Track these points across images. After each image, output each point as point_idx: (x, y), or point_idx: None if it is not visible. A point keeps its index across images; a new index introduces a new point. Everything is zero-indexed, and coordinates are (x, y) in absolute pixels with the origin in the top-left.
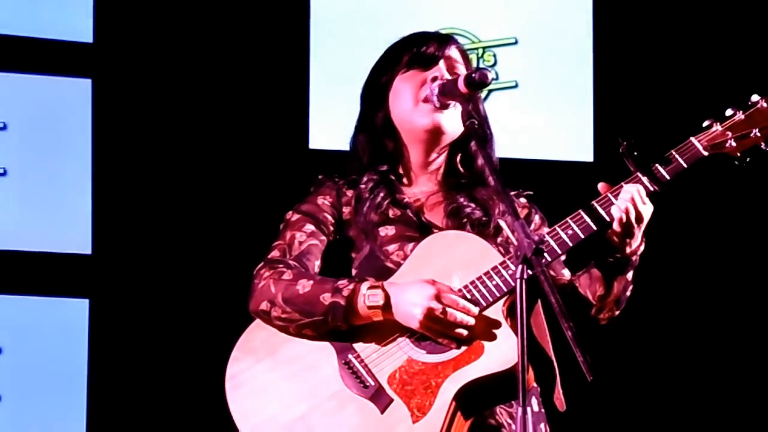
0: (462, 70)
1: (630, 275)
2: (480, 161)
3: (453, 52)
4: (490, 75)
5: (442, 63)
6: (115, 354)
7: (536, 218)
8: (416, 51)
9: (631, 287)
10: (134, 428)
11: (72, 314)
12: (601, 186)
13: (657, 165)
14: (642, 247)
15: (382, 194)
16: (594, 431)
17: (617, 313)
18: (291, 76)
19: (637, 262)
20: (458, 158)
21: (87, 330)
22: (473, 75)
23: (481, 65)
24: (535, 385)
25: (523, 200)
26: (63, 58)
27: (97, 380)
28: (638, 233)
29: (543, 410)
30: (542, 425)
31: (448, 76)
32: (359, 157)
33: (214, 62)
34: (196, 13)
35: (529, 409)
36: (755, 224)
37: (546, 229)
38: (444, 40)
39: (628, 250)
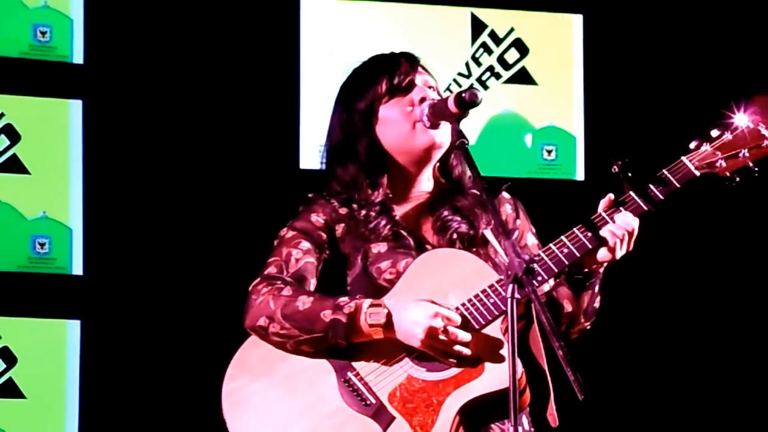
0: (432, 81)
1: (597, 288)
2: (457, 171)
3: (420, 68)
4: (480, 95)
5: (418, 80)
6: (107, 375)
7: (521, 215)
8: (392, 77)
9: (599, 299)
10: None
11: (64, 335)
12: (603, 202)
13: (650, 185)
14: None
15: (378, 220)
16: None
17: (588, 326)
18: (281, 96)
19: (602, 274)
20: (437, 167)
21: (79, 351)
22: (463, 95)
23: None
24: None
25: (506, 195)
26: (54, 79)
27: (89, 401)
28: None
29: (533, 429)
30: None
31: (431, 94)
32: (347, 186)
33: (204, 82)
34: (186, 34)
35: (520, 429)
36: (745, 239)
37: (531, 233)
38: (410, 58)
39: (599, 267)
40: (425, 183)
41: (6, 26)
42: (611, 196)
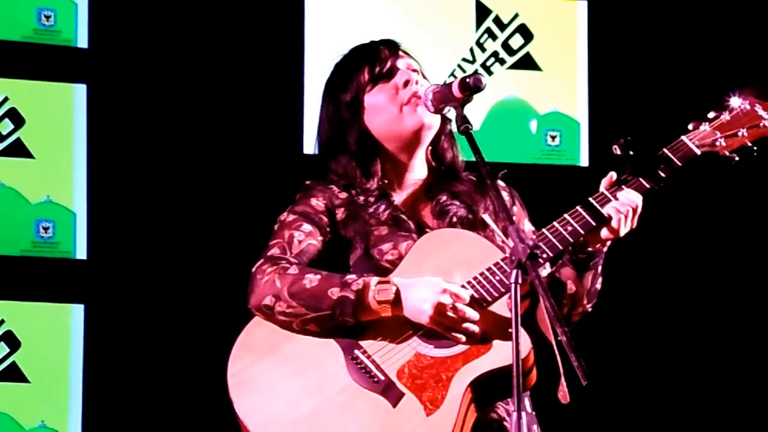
0: (415, 64)
1: (600, 268)
2: (449, 155)
3: (402, 53)
4: (484, 80)
5: (401, 64)
6: (111, 359)
7: (517, 203)
8: (374, 64)
9: (600, 280)
10: None
11: (68, 319)
12: (605, 181)
13: (652, 163)
14: (609, 241)
15: (377, 205)
16: None
17: (590, 308)
18: (285, 81)
19: (604, 254)
20: (429, 152)
21: (83, 335)
22: (467, 80)
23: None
24: None
25: (502, 183)
26: (59, 63)
27: (92, 385)
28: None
29: (534, 412)
30: (535, 426)
31: (416, 77)
32: (343, 178)
33: (208, 68)
34: (191, 18)
35: (524, 413)
36: (746, 222)
37: (527, 220)
38: (391, 44)
39: (602, 247)
40: (419, 170)
41: (10, 10)
42: (613, 174)
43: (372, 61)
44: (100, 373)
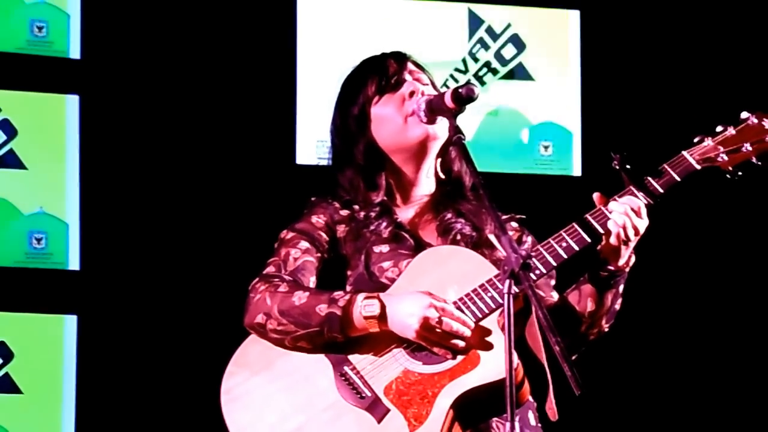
0: (425, 78)
1: (621, 288)
2: (457, 167)
3: (410, 65)
4: (477, 90)
5: (407, 77)
6: (104, 370)
7: (528, 240)
8: (381, 77)
9: (620, 300)
10: None
11: (61, 330)
12: (596, 196)
13: (649, 178)
14: (633, 260)
15: (378, 222)
16: None
17: (606, 328)
18: (278, 91)
19: (626, 274)
20: (438, 164)
21: (76, 346)
22: (460, 90)
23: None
24: (531, 399)
25: (514, 224)
26: (51, 74)
27: (86, 396)
28: (632, 246)
29: (540, 425)
30: None
31: (421, 88)
32: (348, 191)
33: (200, 78)
34: (183, 29)
35: (517, 425)
36: (747, 237)
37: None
38: (399, 56)
39: (621, 262)
40: (426, 184)
41: (3, 21)
42: (598, 194)
43: (379, 73)
44: (93, 384)
